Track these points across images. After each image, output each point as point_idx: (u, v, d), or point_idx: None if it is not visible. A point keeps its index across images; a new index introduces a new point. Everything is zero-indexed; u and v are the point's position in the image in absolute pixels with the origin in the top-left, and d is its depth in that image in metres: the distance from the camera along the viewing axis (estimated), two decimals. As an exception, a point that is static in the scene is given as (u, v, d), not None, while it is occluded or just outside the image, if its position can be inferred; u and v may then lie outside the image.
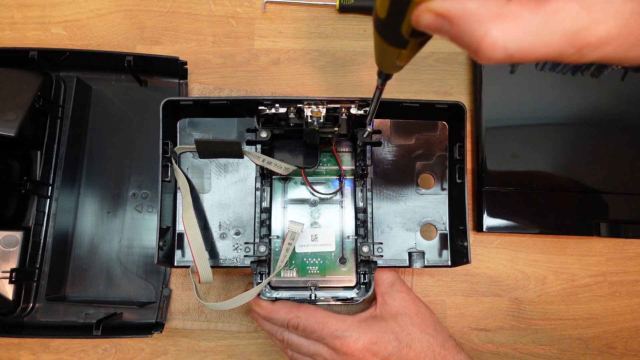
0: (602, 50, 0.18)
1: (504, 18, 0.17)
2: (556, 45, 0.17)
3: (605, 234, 0.51)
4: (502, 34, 0.17)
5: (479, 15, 0.17)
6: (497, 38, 0.17)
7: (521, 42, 0.17)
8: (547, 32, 0.17)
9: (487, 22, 0.17)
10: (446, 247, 0.48)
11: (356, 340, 0.40)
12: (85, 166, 0.52)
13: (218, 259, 0.47)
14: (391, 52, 0.24)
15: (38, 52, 0.48)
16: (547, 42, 0.17)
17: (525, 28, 0.17)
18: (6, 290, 0.47)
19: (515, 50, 0.17)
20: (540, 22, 0.17)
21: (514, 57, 0.18)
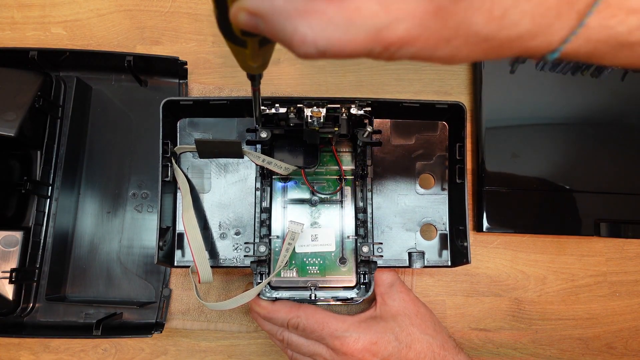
0: (409, 49, 0.18)
1: (310, 14, 0.17)
2: (363, 42, 0.18)
3: (605, 234, 0.51)
4: (310, 30, 0.17)
5: (287, 11, 0.18)
6: (305, 34, 0.18)
7: (330, 39, 0.18)
8: (352, 29, 0.17)
9: (295, 19, 0.17)
10: (446, 247, 0.48)
11: (356, 341, 0.40)
12: (85, 166, 0.52)
13: (218, 259, 0.47)
14: (237, 51, 0.24)
15: (38, 52, 0.48)
16: (354, 38, 0.17)
17: (331, 24, 0.17)
18: (6, 290, 0.47)
19: (325, 46, 0.18)
20: (345, 19, 0.17)
21: (326, 53, 0.18)
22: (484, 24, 0.17)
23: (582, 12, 0.17)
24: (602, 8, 0.17)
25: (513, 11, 0.16)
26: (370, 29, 0.17)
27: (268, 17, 0.18)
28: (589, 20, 0.17)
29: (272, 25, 0.18)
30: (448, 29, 0.17)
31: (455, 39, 0.17)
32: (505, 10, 0.16)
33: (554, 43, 0.18)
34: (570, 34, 0.18)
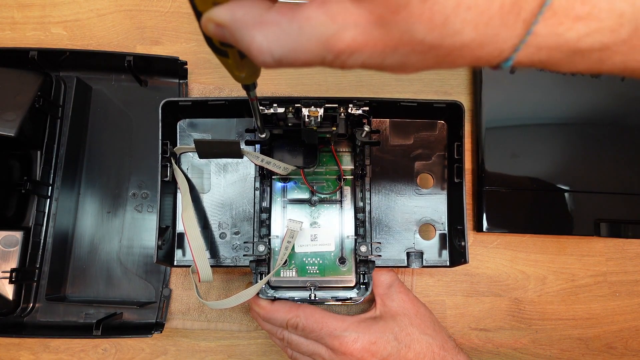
0: (358, 57, 0.19)
1: (265, 25, 0.18)
2: (315, 50, 0.18)
3: (605, 234, 0.51)
4: (266, 39, 0.18)
5: (245, 22, 0.19)
6: (261, 43, 0.18)
7: (284, 48, 0.18)
8: (304, 38, 0.18)
9: (252, 29, 0.19)
10: (445, 247, 0.48)
11: (355, 340, 0.40)
12: (85, 166, 0.52)
13: (218, 258, 0.47)
14: (222, 62, 0.25)
15: (38, 52, 0.48)
16: (306, 47, 0.18)
17: (285, 34, 0.18)
18: (6, 290, 0.47)
19: (281, 55, 0.19)
20: (296, 29, 0.18)
21: (282, 62, 0.19)
22: (425, 32, 0.17)
23: (529, 20, 0.17)
24: (548, 16, 0.17)
25: (454, 20, 0.16)
26: (320, 36, 0.18)
27: (230, 28, 0.19)
28: (536, 28, 0.17)
29: (234, 35, 0.19)
30: (392, 37, 0.17)
31: (400, 47, 0.18)
32: (445, 18, 0.16)
33: (505, 52, 0.18)
34: (519, 42, 0.18)
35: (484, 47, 0.18)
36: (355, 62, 0.19)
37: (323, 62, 0.19)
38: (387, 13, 0.17)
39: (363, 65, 0.19)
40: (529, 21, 0.17)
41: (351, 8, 0.17)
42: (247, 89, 0.31)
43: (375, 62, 0.19)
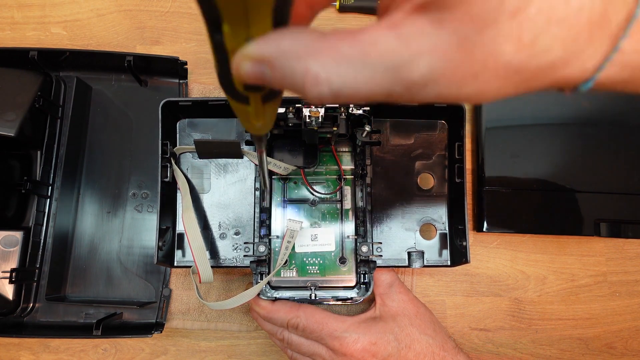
0: (433, 88, 0.16)
1: (321, 52, 0.16)
2: (381, 81, 0.16)
3: (605, 234, 0.51)
4: (323, 68, 0.16)
5: (295, 52, 0.16)
6: (318, 73, 0.16)
7: (345, 78, 0.16)
8: (368, 66, 0.16)
9: (305, 58, 0.16)
10: (446, 247, 0.48)
11: (355, 341, 0.40)
12: (85, 166, 0.52)
13: (218, 259, 0.47)
14: (239, 109, 0.22)
15: (38, 52, 0.48)
16: (371, 77, 0.16)
17: (345, 62, 0.16)
18: (6, 290, 0.47)
19: (340, 86, 0.16)
20: (360, 55, 0.16)
21: (340, 94, 0.16)
22: (513, 52, 0.15)
23: (616, 35, 0.16)
24: (636, 30, 0.16)
25: (544, 36, 0.15)
26: (389, 66, 0.16)
27: (276, 61, 0.16)
28: (623, 44, 0.16)
29: (281, 69, 0.17)
30: (475, 61, 0.15)
31: (483, 72, 0.16)
32: (535, 36, 0.15)
33: (588, 71, 0.16)
34: (604, 59, 0.16)
35: (567, 67, 0.16)
36: (429, 95, 0.17)
37: (390, 96, 0.17)
38: (472, 33, 0.15)
39: (436, 97, 0.17)
40: (616, 36, 0.16)
41: (429, 30, 0.15)
42: (259, 141, 0.29)
43: (451, 93, 0.16)
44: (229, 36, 0.17)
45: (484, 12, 0.14)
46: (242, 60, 0.17)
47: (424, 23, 0.15)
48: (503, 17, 0.14)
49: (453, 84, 0.16)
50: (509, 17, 0.14)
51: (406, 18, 0.16)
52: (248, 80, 0.17)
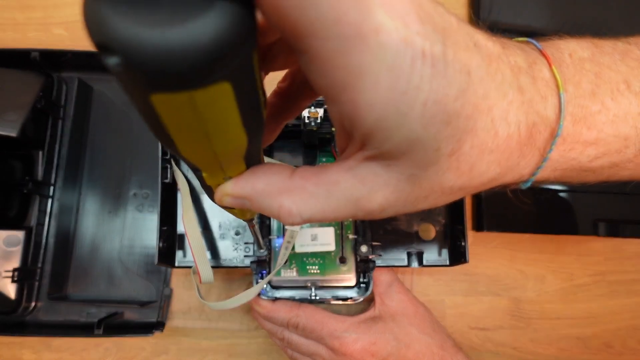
0: (389, 211, 0.19)
1: (291, 192, 0.19)
2: (344, 210, 0.18)
3: (604, 234, 0.51)
4: (294, 204, 0.18)
5: (268, 192, 0.19)
6: (290, 208, 0.19)
7: (313, 210, 0.18)
8: (333, 200, 0.18)
9: (277, 197, 0.19)
10: (445, 247, 0.48)
11: (355, 341, 0.40)
12: (86, 166, 0.52)
13: (218, 259, 0.47)
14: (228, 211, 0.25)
15: (40, 53, 0.49)
16: (337, 208, 0.18)
17: (313, 199, 0.18)
18: (8, 289, 0.47)
19: (310, 216, 0.19)
20: (324, 193, 0.18)
21: (311, 220, 0.19)
22: (455, 179, 0.17)
23: (543, 149, 0.18)
24: (560, 143, 0.18)
25: (479, 164, 0.17)
26: (350, 199, 0.18)
27: (252, 199, 0.19)
28: (551, 155, 0.19)
29: (258, 205, 0.19)
30: (422, 189, 0.18)
31: (432, 194, 0.18)
32: (472, 165, 0.17)
33: (525, 176, 0.19)
34: (537, 168, 0.19)
35: (506, 177, 0.19)
36: (388, 214, 0.19)
37: (353, 217, 0.19)
38: (417, 171, 0.17)
39: (395, 214, 0.19)
40: (544, 150, 0.18)
41: (380, 171, 0.17)
42: (249, 221, 0.33)
43: (408, 210, 0.19)
44: (208, 178, 0.19)
45: (425, 159, 0.16)
46: (223, 196, 0.20)
47: (375, 166, 0.17)
48: (442, 159, 0.16)
49: (407, 205, 0.19)
50: (446, 157, 0.16)
51: (360, 163, 0.18)
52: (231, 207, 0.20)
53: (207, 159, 0.17)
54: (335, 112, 0.17)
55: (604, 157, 0.19)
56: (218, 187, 0.20)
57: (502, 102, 0.17)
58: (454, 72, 0.15)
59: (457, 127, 0.16)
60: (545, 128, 0.18)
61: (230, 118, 0.14)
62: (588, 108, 0.18)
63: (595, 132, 0.18)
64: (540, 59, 0.19)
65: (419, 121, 0.15)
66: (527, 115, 0.17)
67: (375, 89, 0.14)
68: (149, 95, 0.13)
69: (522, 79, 0.17)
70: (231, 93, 0.13)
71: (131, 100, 0.14)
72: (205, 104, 0.13)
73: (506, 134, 0.17)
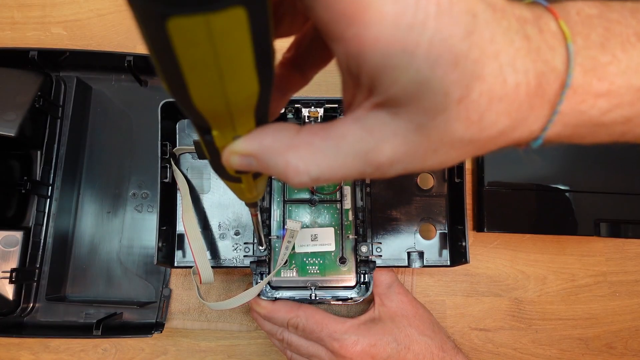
0: (398, 167, 0.18)
1: (298, 147, 0.18)
2: (353, 165, 0.18)
3: (605, 234, 0.51)
4: (301, 161, 0.18)
5: (276, 148, 0.18)
6: (297, 165, 0.18)
7: (321, 166, 0.18)
8: (341, 155, 0.18)
9: (284, 153, 0.18)
10: (445, 247, 0.48)
11: (354, 343, 0.40)
12: (85, 166, 0.52)
13: (218, 259, 0.47)
14: (233, 187, 0.25)
15: (38, 52, 0.48)
16: (344, 163, 0.18)
17: (320, 154, 0.18)
18: (6, 290, 0.47)
19: (318, 174, 0.18)
20: (332, 147, 0.18)
21: (320, 179, 0.19)
22: (464, 129, 0.17)
23: (553, 101, 0.18)
24: (570, 95, 0.18)
25: (489, 113, 0.17)
26: (358, 152, 0.18)
27: (259, 156, 0.19)
28: (561, 107, 0.18)
29: (265, 163, 0.19)
30: (432, 141, 0.17)
31: (441, 147, 0.18)
32: (481, 114, 0.17)
33: (535, 132, 0.19)
34: (547, 122, 0.18)
35: (515, 131, 0.18)
36: (397, 170, 0.19)
37: (362, 175, 0.19)
38: (425, 120, 0.17)
39: (404, 171, 0.19)
40: (554, 102, 0.18)
41: (388, 120, 0.17)
42: (253, 206, 0.32)
43: (415, 167, 0.19)
44: (218, 138, 0.19)
45: (433, 105, 0.16)
46: (230, 155, 0.19)
47: (383, 115, 0.17)
48: (450, 106, 0.16)
49: (416, 160, 0.18)
50: (455, 104, 0.16)
51: (368, 113, 0.18)
52: (237, 168, 0.20)
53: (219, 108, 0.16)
54: (341, 54, 0.17)
55: (617, 110, 0.19)
56: (226, 147, 0.19)
57: (509, 48, 0.16)
58: (459, 12, 0.15)
59: (465, 71, 0.16)
60: (555, 79, 0.18)
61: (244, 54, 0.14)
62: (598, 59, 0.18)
63: (607, 83, 0.18)
64: (546, 13, 0.18)
65: (426, 61, 0.15)
66: (535, 64, 0.17)
67: (380, 22, 0.14)
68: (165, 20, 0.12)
69: (528, 29, 0.17)
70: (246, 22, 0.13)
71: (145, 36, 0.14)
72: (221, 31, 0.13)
73: (515, 83, 0.17)
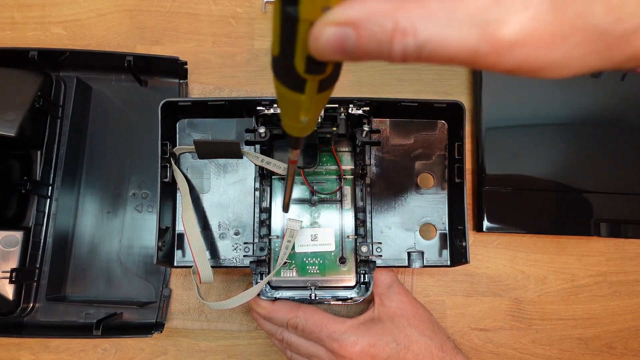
0: (520, 51, 0.16)
1: (409, 8, 0.16)
2: (468, 37, 0.16)
3: (605, 234, 0.51)
4: (411, 22, 0.16)
5: (384, 10, 0.16)
6: (405, 27, 0.16)
7: (432, 31, 0.16)
8: (456, 22, 0.16)
9: (394, 14, 0.16)
10: (445, 247, 0.48)
11: (354, 343, 0.40)
12: (85, 166, 0.52)
13: (218, 259, 0.47)
14: (291, 101, 0.22)
15: (38, 52, 0.48)
16: (458, 34, 0.16)
17: (433, 16, 0.16)
18: (6, 290, 0.47)
19: (426, 38, 0.16)
20: (448, 11, 0.16)
21: (425, 48, 0.16)
22: (602, 14, 0.15)
23: None
24: None
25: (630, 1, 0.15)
26: (478, 23, 0.16)
27: (363, 23, 0.16)
28: None
29: (368, 29, 0.16)
30: (565, 22, 0.15)
31: (572, 34, 0.16)
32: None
33: None
34: None
35: None
36: (513, 59, 0.16)
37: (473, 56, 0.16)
38: None
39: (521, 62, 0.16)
40: None
41: None
42: (296, 144, 0.28)
43: (537, 58, 0.16)
44: (307, 6, 0.16)
45: None
46: (324, 26, 0.17)
47: None
48: None
49: (541, 46, 0.16)
50: None
51: None
52: (326, 48, 0.17)
53: None
54: None
55: None
56: (317, 20, 0.17)
57: None
58: None
59: None
60: None
61: None
62: None
63: None
64: None
65: None
66: None
67: None
68: None
69: None
70: None
71: None
72: None
73: None
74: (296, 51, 0.18)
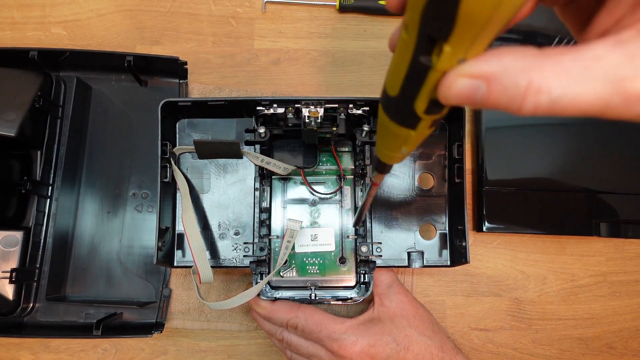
0: None
1: (543, 66, 0.17)
2: (601, 93, 0.17)
3: (605, 234, 0.51)
4: (545, 80, 0.17)
5: (519, 67, 0.17)
6: (540, 84, 0.17)
7: (565, 88, 0.17)
8: (589, 78, 0.16)
9: (526, 72, 0.17)
10: (445, 247, 0.48)
11: (354, 344, 0.40)
12: (85, 166, 0.52)
13: (218, 259, 0.47)
14: (398, 136, 0.22)
15: (38, 52, 0.48)
16: (591, 89, 0.17)
17: (567, 74, 0.17)
18: (6, 290, 0.47)
19: (560, 95, 0.17)
20: (582, 69, 0.16)
21: (557, 103, 0.17)
22: None
23: None
24: None
25: None
26: (611, 79, 0.16)
27: (497, 78, 0.17)
28: None
29: (502, 84, 0.17)
30: None
31: None
32: None
33: None
34: None
35: None
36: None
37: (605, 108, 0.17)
38: None
39: None
40: None
41: None
42: (385, 169, 0.29)
43: None
44: (447, 57, 0.17)
45: None
46: (458, 77, 0.17)
47: None
48: None
49: None
50: None
51: (636, 36, 0.16)
52: (456, 97, 0.18)
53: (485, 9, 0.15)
54: None
55: None
56: (451, 71, 0.17)
57: None
58: None
59: None
60: None
61: None
62: None
63: None
64: None
65: None
66: None
67: None
68: None
69: None
70: None
71: None
72: None
73: None
74: (420, 94, 0.19)
